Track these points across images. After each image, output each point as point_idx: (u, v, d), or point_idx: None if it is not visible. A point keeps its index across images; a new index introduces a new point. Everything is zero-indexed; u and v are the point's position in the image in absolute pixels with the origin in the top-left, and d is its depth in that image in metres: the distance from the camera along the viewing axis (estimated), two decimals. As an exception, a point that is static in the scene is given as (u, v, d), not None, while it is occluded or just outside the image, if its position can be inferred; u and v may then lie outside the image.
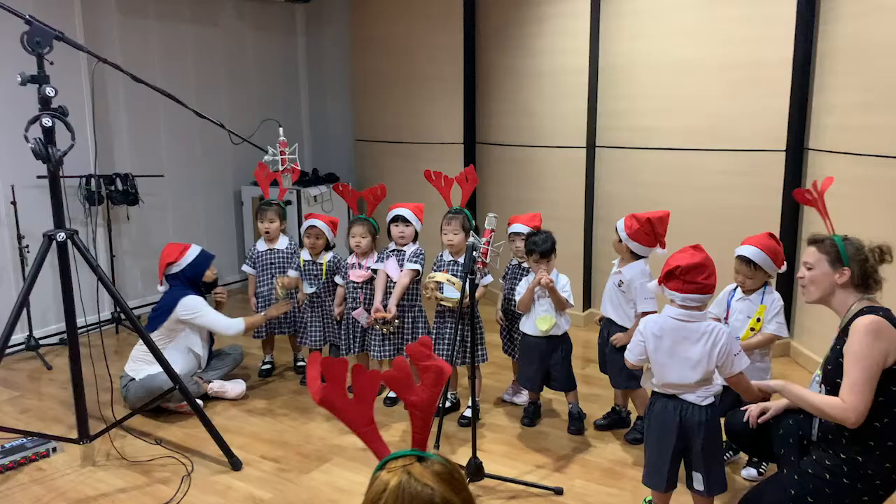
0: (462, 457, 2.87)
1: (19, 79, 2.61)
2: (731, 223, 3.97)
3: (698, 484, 2.35)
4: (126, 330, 4.69)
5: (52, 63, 2.63)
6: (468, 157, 5.32)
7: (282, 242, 3.93)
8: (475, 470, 2.71)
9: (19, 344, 4.26)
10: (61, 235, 2.74)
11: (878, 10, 3.37)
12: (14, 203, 4.11)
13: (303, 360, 4.05)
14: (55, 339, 4.44)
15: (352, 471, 2.95)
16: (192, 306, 3.44)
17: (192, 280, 3.54)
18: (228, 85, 5.62)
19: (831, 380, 2.23)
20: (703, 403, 2.30)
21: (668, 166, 4.29)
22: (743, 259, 2.76)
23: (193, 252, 3.56)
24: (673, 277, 2.27)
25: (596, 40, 4.46)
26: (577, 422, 3.26)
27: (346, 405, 1.35)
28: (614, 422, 3.28)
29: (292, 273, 3.83)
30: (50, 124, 2.63)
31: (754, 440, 2.59)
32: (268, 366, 4.01)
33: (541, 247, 3.03)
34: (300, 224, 5.60)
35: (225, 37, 5.55)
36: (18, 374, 4.02)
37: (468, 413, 3.34)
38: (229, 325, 3.54)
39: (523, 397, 3.50)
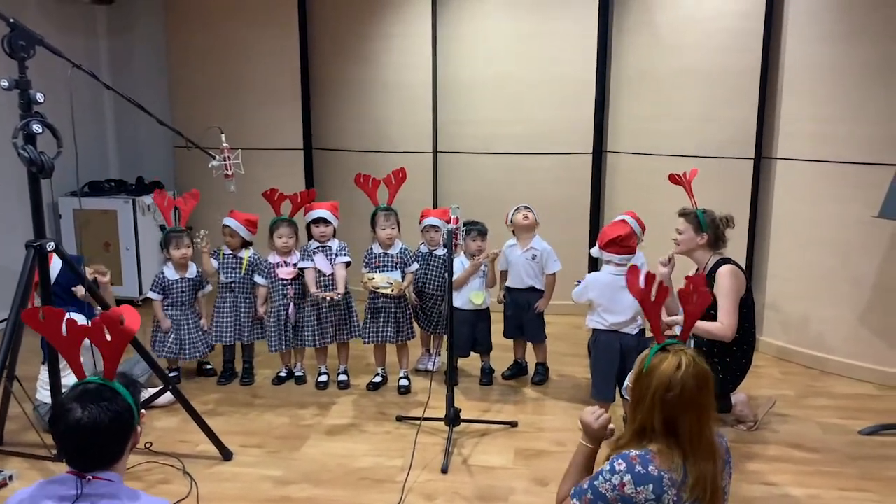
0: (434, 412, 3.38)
1: (5, 83, 2.50)
2: (554, 210, 4.97)
3: (632, 392, 3.23)
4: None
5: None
6: (308, 162, 5.66)
7: (191, 270, 3.94)
8: (455, 416, 3.26)
9: None
10: (51, 245, 2.66)
11: (650, 47, 4.71)
12: None
13: (208, 363, 4.12)
14: None
15: (335, 441, 3.28)
16: None
17: (68, 288, 3.40)
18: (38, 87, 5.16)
19: (705, 312, 3.25)
20: (635, 332, 3.20)
21: (502, 167, 5.20)
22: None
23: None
24: (614, 244, 3.13)
25: (436, 58, 5.19)
26: (488, 376, 3.98)
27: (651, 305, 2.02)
28: (517, 372, 4.05)
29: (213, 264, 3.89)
30: (41, 130, 2.57)
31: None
32: (175, 372, 4.01)
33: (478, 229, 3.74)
34: (136, 236, 5.40)
35: (29, 36, 5.10)
36: None
37: (404, 382, 3.86)
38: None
39: (436, 364, 4.09)
